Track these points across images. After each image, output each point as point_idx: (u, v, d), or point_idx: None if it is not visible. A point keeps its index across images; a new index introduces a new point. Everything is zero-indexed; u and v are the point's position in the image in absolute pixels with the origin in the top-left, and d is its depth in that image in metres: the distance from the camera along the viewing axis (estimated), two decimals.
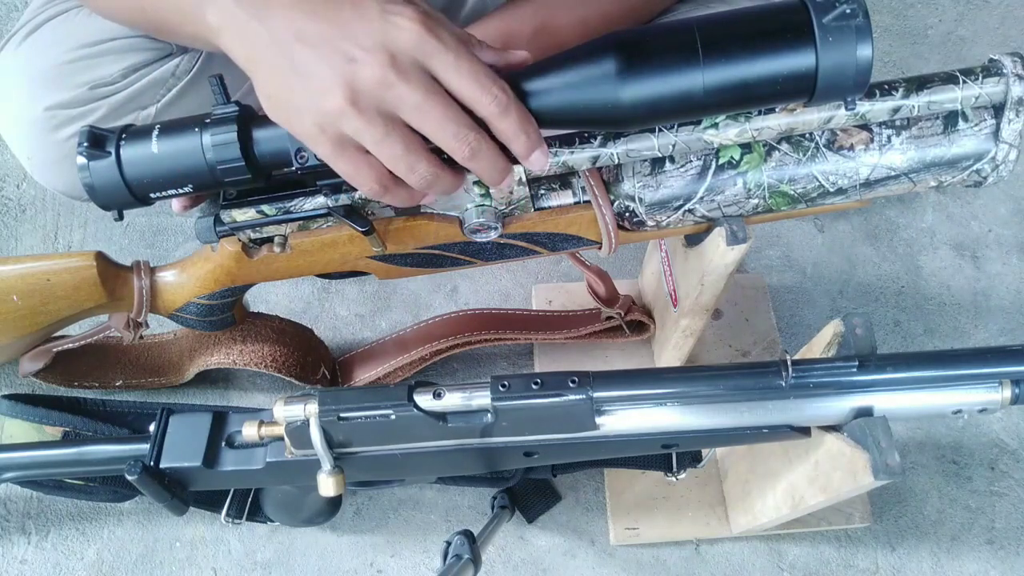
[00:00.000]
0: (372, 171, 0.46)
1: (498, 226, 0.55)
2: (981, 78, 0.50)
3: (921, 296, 0.95)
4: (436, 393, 0.53)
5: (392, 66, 0.42)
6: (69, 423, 0.74)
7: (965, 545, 0.81)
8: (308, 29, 0.43)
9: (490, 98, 0.44)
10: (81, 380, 0.83)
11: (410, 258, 0.61)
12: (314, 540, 0.81)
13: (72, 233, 1.00)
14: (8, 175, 1.03)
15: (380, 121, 0.44)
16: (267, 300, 0.94)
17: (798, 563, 0.80)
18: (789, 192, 0.55)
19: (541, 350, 0.90)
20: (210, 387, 0.88)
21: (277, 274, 0.63)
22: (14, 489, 0.82)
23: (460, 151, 0.45)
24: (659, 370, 0.55)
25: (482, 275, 0.97)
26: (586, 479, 0.83)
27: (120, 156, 0.49)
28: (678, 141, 0.51)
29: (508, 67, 0.47)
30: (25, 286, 0.66)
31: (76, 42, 0.71)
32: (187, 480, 0.63)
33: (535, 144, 0.46)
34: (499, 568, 0.80)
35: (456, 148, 0.45)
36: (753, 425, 0.54)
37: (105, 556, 0.80)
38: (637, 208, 0.57)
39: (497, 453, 0.58)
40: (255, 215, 0.55)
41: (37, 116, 0.70)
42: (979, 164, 0.53)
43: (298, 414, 0.53)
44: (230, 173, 0.48)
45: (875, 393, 0.52)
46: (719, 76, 0.43)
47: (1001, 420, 0.87)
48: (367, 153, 0.45)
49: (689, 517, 0.80)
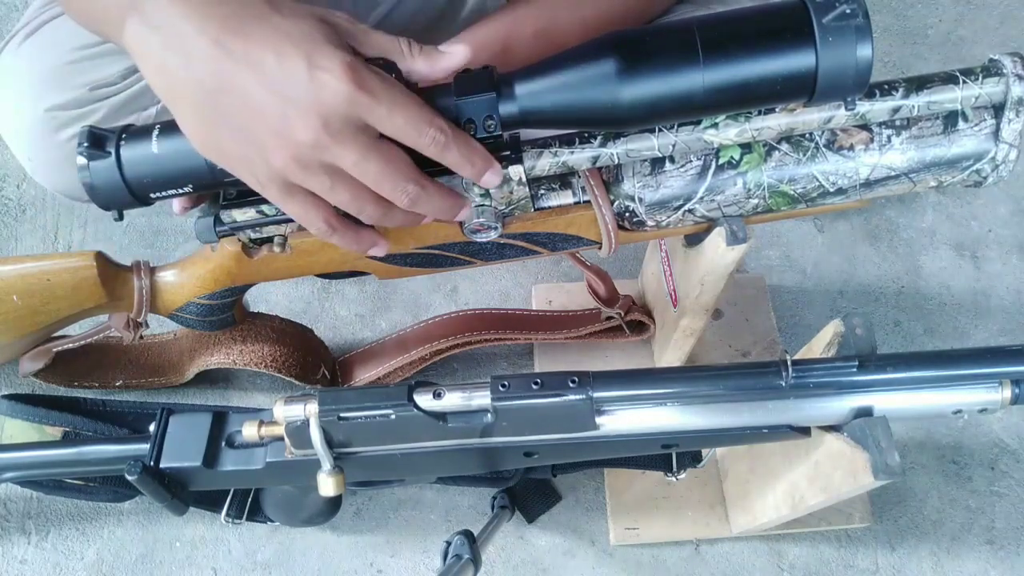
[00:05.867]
0: (319, 211, 0.48)
1: (498, 226, 0.55)
2: (981, 78, 0.50)
3: (921, 296, 0.95)
4: (436, 393, 0.53)
5: (325, 130, 0.42)
6: (69, 423, 0.73)
7: (965, 545, 0.81)
8: (234, 81, 0.42)
9: (428, 140, 0.45)
10: (81, 380, 0.83)
11: (410, 258, 0.61)
12: (314, 540, 0.81)
13: (72, 233, 1.00)
14: (8, 175, 1.03)
15: (324, 174, 0.45)
16: (267, 300, 0.94)
17: (798, 563, 0.80)
18: (789, 192, 0.55)
19: (541, 350, 0.90)
20: (210, 387, 0.88)
21: (277, 274, 0.63)
22: (14, 489, 0.82)
23: (400, 200, 0.47)
24: (659, 370, 0.55)
25: (482, 275, 0.97)
26: (586, 479, 0.83)
27: (120, 156, 0.49)
28: (678, 141, 0.51)
29: (444, 71, 0.48)
30: (25, 286, 0.66)
31: (76, 43, 0.71)
32: (187, 480, 0.63)
33: (481, 169, 0.48)
34: (499, 568, 0.80)
35: (397, 199, 0.47)
36: (753, 425, 0.54)
37: (105, 556, 0.80)
38: (637, 208, 0.57)
39: (497, 453, 0.58)
40: (255, 215, 0.55)
41: (37, 117, 0.70)
42: (979, 164, 0.53)
43: (298, 414, 0.53)
44: (230, 173, 0.48)
45: (875, 393, 0.52)
46: (719, 76, 0.43)
47: (1001, 420, 0.87)
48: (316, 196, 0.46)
49: (689, 517, 0.80)
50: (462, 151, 0.46)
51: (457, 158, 0.46)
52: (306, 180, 0.45)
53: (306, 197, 0.47)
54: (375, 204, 0.47)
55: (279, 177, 0.45)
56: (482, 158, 0.48)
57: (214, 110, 0.43)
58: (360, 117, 0.43)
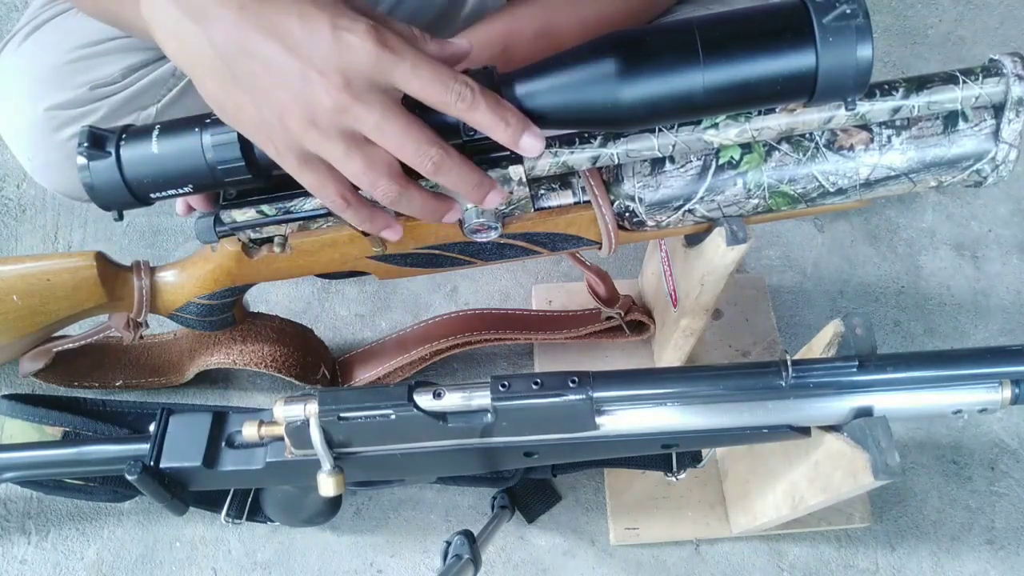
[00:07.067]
0: (335, 185, 0.46)
1: (498, 226, 0.55)
2: (981, 78, 0.50)
3: (921, 296, 0.95)
4: (436, 393, 0.53)
5: (347, 90, 0.42)
6: (69, 423, 0.73)
7: (965, 545, 0.81)
8: (256, 44, 0.42)
9: (455, 96, 0.43)
10: (81, 380, 0.83)
11: (410, 258, 0.61)
12: (314, 540, 0.81)
13: (72, 233, 1.00)
14: (8, 175, 1.03)
15: (341, 139, 0.43)
16: (267, 300, 0.94)
17: (798, 563, 0.80)
18: (789, 192, 0.55)
19: (541, 350, 0.90)
20: (210, 387, 0.88)
21: (277, 274, 0.63)
22: (14, 489, 0.82)
23: (423, 166, 0.45)
24: (659, 370, 0.55)
25: (482, 275, 0.97)
26: (586, 479, 0.83)
27: (120, 156, 0.48)
28: (678, 141, 0.51)
29: (453, 57, 0.47)
30: (25, 286, 0.66)
31: (76, 42, 0.71)
32: (187, 480, 0.63)
33: (519, 129, 0.45)
34: (499, 568, 0.80)
35: (419, 163, 0.44)
36: (753, 425, 0.54)
37: (105, 556, 0.80)
38: (637, 208, 0.57)
39: (497, 453, 0.58)
40: (255, 215, 0.55)
41: (37, 117, 0.70)
42: (979, 164, 0.53)
43: (298, 414, 0.53)
44: (230, 173, 0.48)
45: (875, 393, 0.52)
46: (719, 76, 0.43)
47: (1001, 420, 0.87)
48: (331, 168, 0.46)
49: (689, 517, 0.80)
50: (493, 108, 0.44)
51: (488, 116, 0.44)
52: (322, 146, 0.44)
53: (322, 168, 0.46)
54: (389, 178, 0.45)
55: (296, 144, 0.44)
56: (517, 116, 0.45)
57: (235, 75, 0.43)
58: (384, 76, 0.42)
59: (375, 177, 0.45)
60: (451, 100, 0.43)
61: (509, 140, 0.45)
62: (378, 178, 0.45)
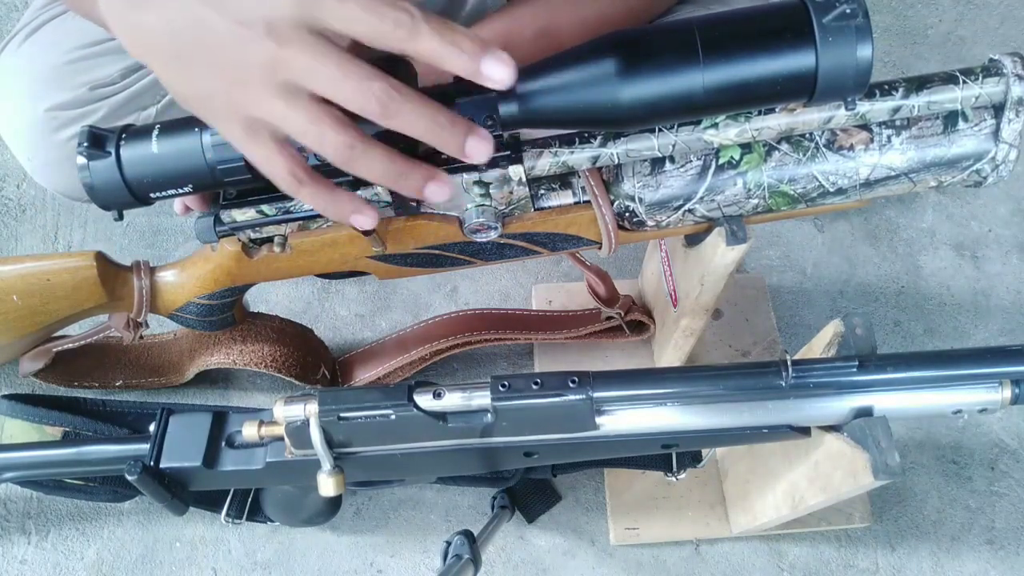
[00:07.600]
0: (284, 159, 0.42)
1: (498, 226, 0.55)
2: (981, 78, 0.50)
3: (921, 296, 0.95)
4: (436, 393, 0.53)
5: (271, 36, 0.38)
6: (69, 423, 0.73)
7: (965, 545, 0.81)
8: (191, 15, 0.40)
9: (391, 24, 0.37)
10: (81, 380, 0.83)
11: (410, 258, 0.61)
12: (314, 540, 0.81)
13: (72, 233, 1.00)
14: (8, 175, 1.03)
15: (278, 94, 0.40)
16: (267, 300, 0.94)
17: (798, 563, 0.80)
18: (789, 192, 0.55)
19: (541, 350, 0.90)
20: (210, 387, 0.88)
21: (277, 274, 0.63)
22: (14, 489, 0.82)
23: (368, 106, 0.39)
24: (659, 370, 0.55)
25: (482, 275, 0.97)
26: (586, 479, 0.83)
27: (120, 156, 0.48)
28: (678, 141, 0.51)
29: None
30: (25, 286, 0.66)
31: (76, 43, 0.71)
32: (187, 480, 0.63)
33: (477, 52, 0.38)
34: (499, 568, 0.80)
35: (363, 105, 0.39)
36: (753, 425, 0.54)
37: (105, 556, 0.80)
38: (637, 208, 0.57)
39: (497, 453, 0.58)
40: (255, 215, 0.55)
41: (37, 117, 0.70)
42: (979, 164, 0.53)
43: (298, 414, 0.53)
44: (230, 173, 0.48)
45: (875, 393, 0.52)
46: (719, 76, 0.43)
47: (1001, 420, 0.87)
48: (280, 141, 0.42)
49: (689, 517, 0.80)
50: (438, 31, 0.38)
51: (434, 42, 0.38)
52: (261, 106, 0.40)
53: (269, 140, 0.42)
54: (335, 129, 0.40)
55: (238, 111, 0.41)
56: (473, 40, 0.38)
57: (179, 53, 0.42)
58: (308, 14, 0.38)
59: (321, 130, 0.40)
60: (387, 28, 0.37)
61: (464, 68, 0.39)
62: (324, 131, 0.40)
